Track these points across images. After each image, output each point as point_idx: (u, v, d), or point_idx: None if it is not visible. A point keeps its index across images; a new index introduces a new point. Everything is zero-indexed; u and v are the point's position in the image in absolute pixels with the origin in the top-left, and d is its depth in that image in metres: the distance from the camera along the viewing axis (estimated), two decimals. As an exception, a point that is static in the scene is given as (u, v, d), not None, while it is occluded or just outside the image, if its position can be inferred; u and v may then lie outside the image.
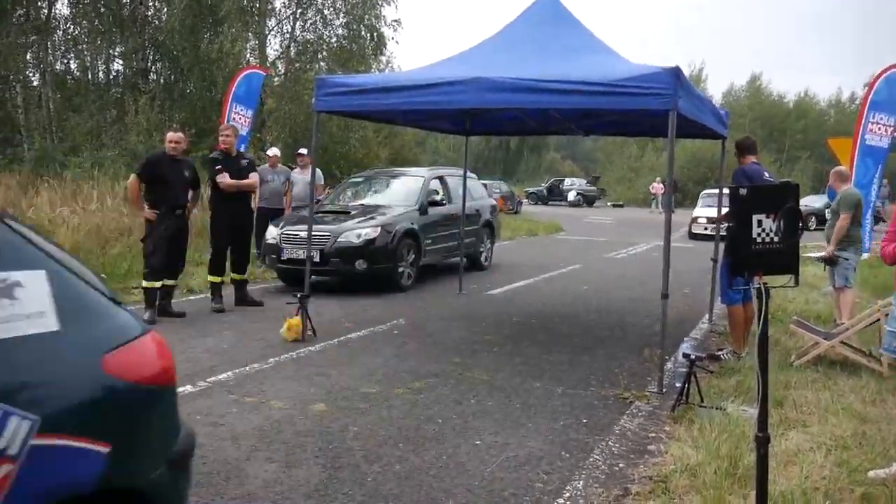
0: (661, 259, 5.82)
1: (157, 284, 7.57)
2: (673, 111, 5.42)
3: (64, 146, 20.43)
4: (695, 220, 20.95)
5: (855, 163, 12.24)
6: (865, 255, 12.67)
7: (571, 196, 42.62)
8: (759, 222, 2.77)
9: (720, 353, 6.60)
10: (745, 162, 6.48)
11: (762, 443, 2.77)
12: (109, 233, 11.53)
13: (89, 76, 25.72)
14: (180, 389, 5.16)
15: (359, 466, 3.94)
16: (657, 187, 38.78)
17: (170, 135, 7.83)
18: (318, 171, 10.40)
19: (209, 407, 4.85)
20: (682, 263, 13.03)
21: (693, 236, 20.37)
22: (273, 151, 11.44)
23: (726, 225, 6.60)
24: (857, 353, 6.13)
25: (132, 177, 7.67)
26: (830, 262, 7.47)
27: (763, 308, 2.77)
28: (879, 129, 12.59)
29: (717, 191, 22.88)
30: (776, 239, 2.77)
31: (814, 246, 11.94)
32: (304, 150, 11.61)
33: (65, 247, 9.23)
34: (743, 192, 2.81)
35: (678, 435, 4.52)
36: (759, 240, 2.77)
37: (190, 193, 7.90)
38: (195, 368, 5.79)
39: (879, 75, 12.82)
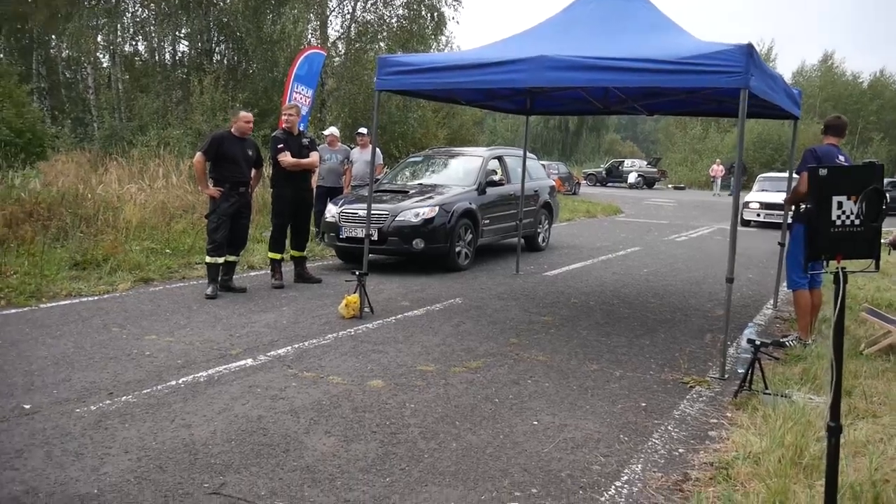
0: (725, 243, 5.66)
1: (220, 260, 7.74)
2: (744, 90, 5.24)
3: (132, 125, 21.04)
4: (746, 205, 19.68)
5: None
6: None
7: (631, 178, 41.89)
8: (840, 204, 2.65)
9: (785, 339, 6.40)
10: (825, 142, 6.23)
11: (834, 432, 2.66)
12: (174, 209, 11.83)
13: (156, 57, 26.37)
14: (241, 363, 5.29)
15: (415, 443, 3.96)
16: (717, 169, 37.97)
17: (245, 114, 8.00)
18: (377, 150, 10.44)
19: (269, 381, 4.93)
20: (747, 247, 12.69)
21: (745, 223, 19.17)
22: (331, 131, 11.52)
23: (794, 209, 6.38)
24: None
25: (198, 154, 7.81)
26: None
27: (841, 294, 2.65)
28: None
29: (775, 174, 22.05)
30: (857, 222, 2.64)
31: (887, 231, 11.46)
32: (363, 130, 11.71)
33: (132, 222, 9.48)
34: (823, 172, 2.68)
35: (740, 422, 4.40)
36: (838, 222, 2.65)
37: (253, 172, 8.05)
38: (256, 343, 5.90)
39: None
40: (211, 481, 3.42)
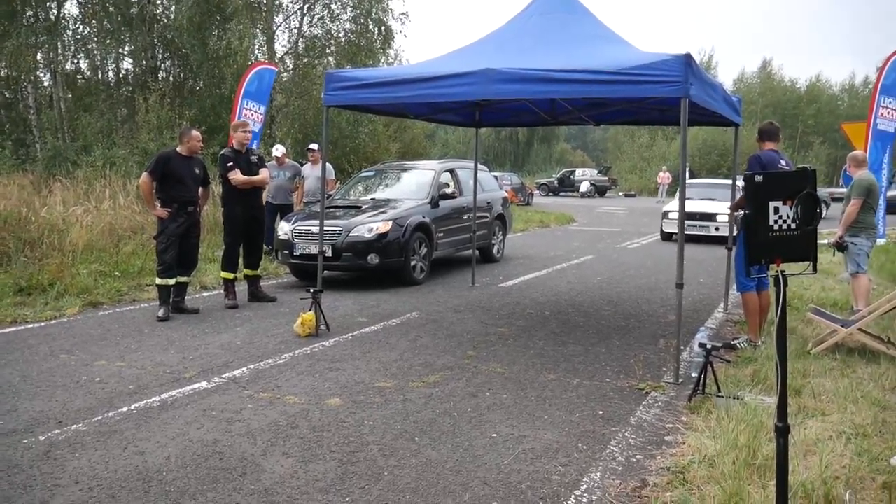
0: (675, 248, 5.77)
1: (171, 282, 7.61)
2: (685, 99, 5.37)
3: (76, 145, 20.57)
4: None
5: (868, 147, 12.15)
6: (881, 241, 12.59)
7: (583, 187, 42.43)
8: (776, 209, 2.73)
9: (736, 342, 6.55)
10: (764, 148, 6.42)
11: (782, 432, 2.73)
12: (122, 231, 11.59)
13: (99, 75, 25.84)
14: (195, 386, 5.19)
15: (375, 460, 3.94)
16: (663, 177, 38.61)
17: (197, 133, 7.92)
18: (329, 165, 10.46)
19: (224, 403, 4.86)
20: (697, 252, 12.96)
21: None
22: (279, 150, 11.51)
23: (740, 213, 6.54)
24: (875, 340, 6.07)
25: (144, 175, 7.68)
26: (840, 247, 7.42)
27: (781, 296, 2.74)
28: (889, 113, 12.53)
29: (701, 180, 21.38)
30: (793, 226, 2.73)
31: (828, 233, 11.83)
32: (314, 146, 11.79)
33: (78, 245, 9.23)
34: (759, 178, 2.77)
35: (695, 425, 4.49)
36: (775, 227, 2.74)
37: (200, 191, 7.94)
38: (210, 365, 5.80)
39: (888, 59, 12.74)
40: (166, 509, 3.35)
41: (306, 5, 26.29)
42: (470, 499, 3.50)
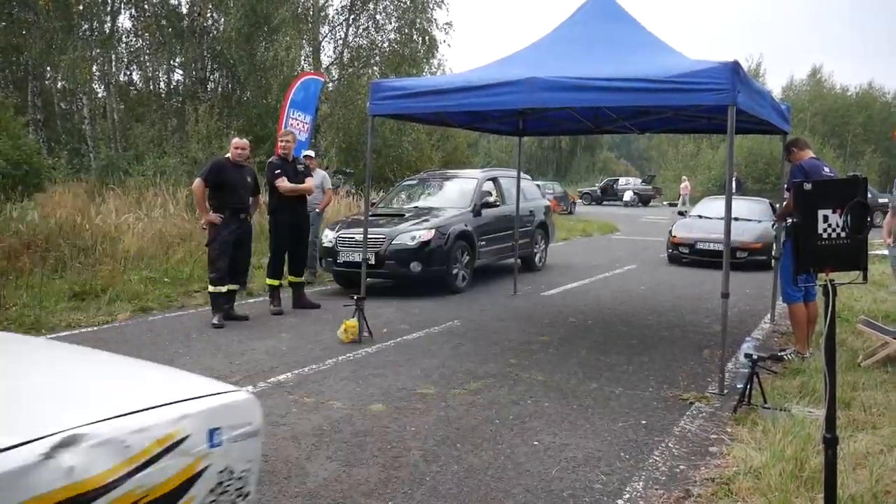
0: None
1: (224, 289, 7.72)
2: (732, 107, 5.31)
3: (128, 155, 21.12)
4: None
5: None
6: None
7: (626, 196, 42.01)
8: (825, 217, 2.70)
9: (783, 353, 6.43)
10: (803, 157, 6.32)
11: (830, 444, 2.69)
12: (172, 238, 11.85)
13: (151, 87, 26.55)
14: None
15: (417, 466, 3.97)
16: (684, 186, 36.94)
17: (237, 140, 8.00)
18: (325, 174, 10.35)
19: (270, 407, 4.94)
20: (742, 265, 12.73)
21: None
22: (307, 153, 10.64)
23: (787, 222, 6.44)
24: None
25: (198, 181, 7.79)
26: None
27: (830, 305, 2.70)
28: None
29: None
30: (843, 234, 2.69)
31: (879, 243, 11.53)
32: (311, 152, 10.71)
33: (130, 252, 9.44)
34: (807, 186, 2.74)
35: (740, 437, 4.42)
36: (825, 235, 2.71)
37: (251, 199, 8.08)
38: (255, 370, 5.91)
39: None
40: (214, 509, 3.42)
41: (352, 16, 26.64)
42: (511, 505, 3.51)
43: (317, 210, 10.05)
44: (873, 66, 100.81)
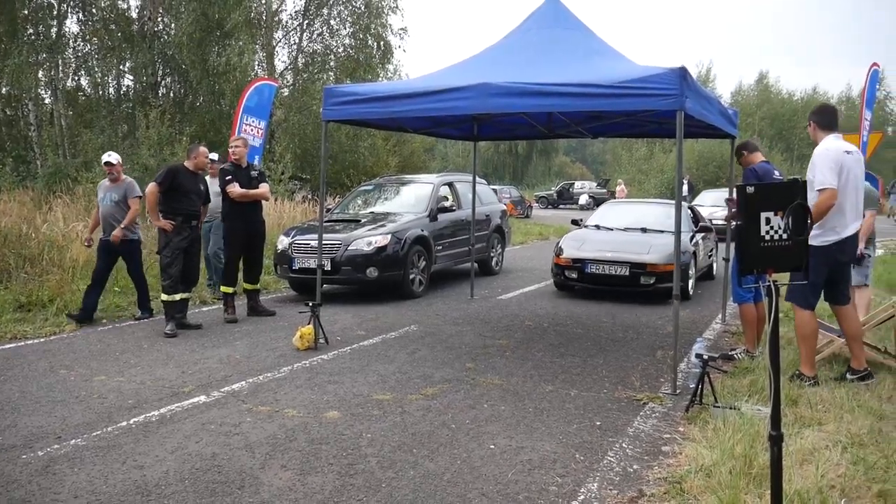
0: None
1: (177, 297, 7.62)
2: (680, 112, 5.41)
3: (76, 162, 20.61)
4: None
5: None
6: (879, 252, 12.66)
7: (582, 199, 42.51)
8: (767, 220, 2.77)
9: (733, 352, 6.57)
10: (754, 161, 6.48)
11: (776, 441, 2.75)
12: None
13: (100, 92, 25.94)
14: (194, 400, 5.21)
15: (373, 473, 3.95)
16: (621, 190, 35.33)
17: (206, 150, 8.01)
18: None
19: (223, 417, 4.87)
20: (694, 264, 12.96)
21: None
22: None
23: (735, 225, 6.58)
24: (872, 349, 6.08)
25: (152, 185, 7.67)
26: (858, 260, 7.33)
27: (773, 305, 2.77)
28: (866, 125, 12.76)
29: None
30: (784, 236, 2.76)
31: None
32: (215, 156, 9.37)
33: (78, 261, 9.20)
34: (750, 189, 2.81)
35: (692, 435, 4.50)
36: (767, 237, 2.77)
37: (201, 207, 7.99)
38: (209, 379, 5.82)
39: (869, 71, 13.00)
40: (164, 523, 3.36)
41: (306, 21, 26.49)
42: (467, 510, 3.51)
43: (216, 221, 9.04)
44: (819, 70, 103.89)
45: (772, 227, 2.77)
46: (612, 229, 10.99)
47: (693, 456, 4.09)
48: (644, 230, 10.57)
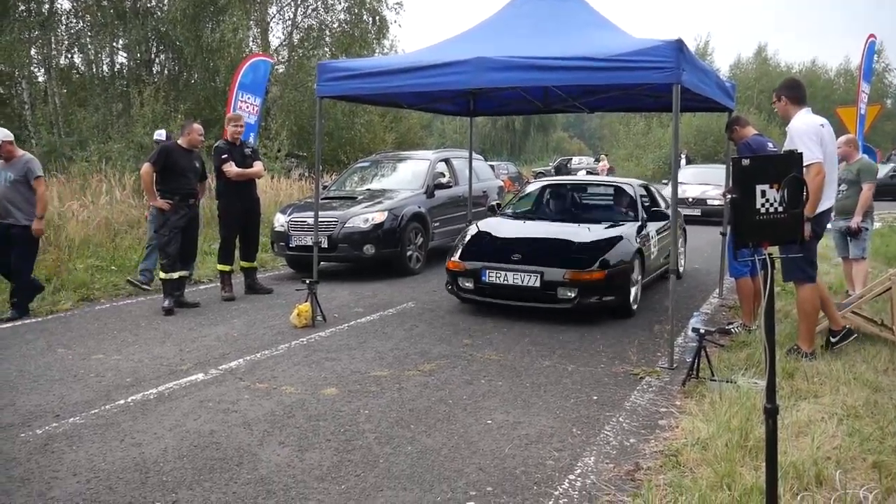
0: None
1: (175, 275, 7.61)
2: (676, 85, 5.37)
3: (71, 140, 20.49)
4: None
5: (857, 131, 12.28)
6: (877, 225, 12.66)
7: (580, 175, 42.40)
8: (763, 192, 2.75)
9: (730, 326, 6.58)
10: (746, 134, 6.44)
11: (771, 414, 2.76)
12: (118, 225, 11.58)
13: (94, 70, 25.71)
14: (192, 378, 5.22)
15: (371, 448, 3.96)
16: (603, 165, 33.88)
17: (199, 127, 7.92)
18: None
19: (221, 394, 4.88)
20: (692, 239, 12.95)
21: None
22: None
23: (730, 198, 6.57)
24: (868, 322, 6.10)
25: (146, 165, 7.63)
26: (855, 233, 7.34)
27: (769, 278, 2.76)
28: (864, 97, 12.70)
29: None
30: (780, 209, 2.75)
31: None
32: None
33: (75, 240, 9.15)
34: (745, 162, 2.78)
35: (689, 409, 4.52)
36: (762, 210, 2.76)
37: (198, 185, 7.95)
38: (207, 357, 5.83)
39: (866, 43, 12.92)
40: (163, 499, 3.38)
41: (300, -4, 26.19)
42: (465, 485, 3.53)
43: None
44: (818, 43, 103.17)
45: (767, 200, 2.75)
46: (535, 219, 8.47)
47: (689, 429, 4.11)
48: (581, 219, 8.19)
